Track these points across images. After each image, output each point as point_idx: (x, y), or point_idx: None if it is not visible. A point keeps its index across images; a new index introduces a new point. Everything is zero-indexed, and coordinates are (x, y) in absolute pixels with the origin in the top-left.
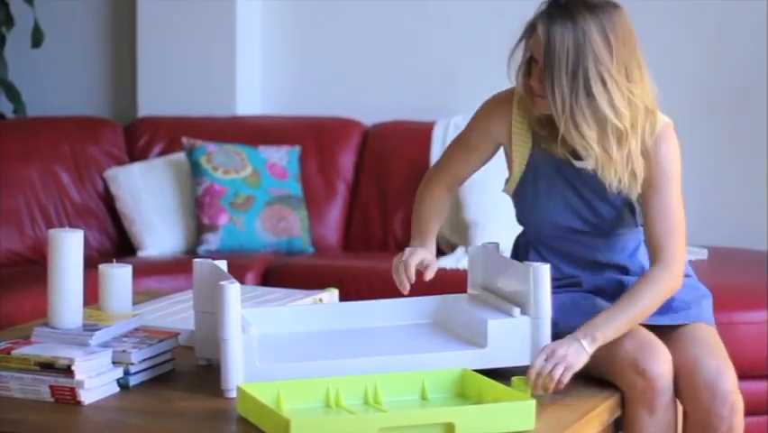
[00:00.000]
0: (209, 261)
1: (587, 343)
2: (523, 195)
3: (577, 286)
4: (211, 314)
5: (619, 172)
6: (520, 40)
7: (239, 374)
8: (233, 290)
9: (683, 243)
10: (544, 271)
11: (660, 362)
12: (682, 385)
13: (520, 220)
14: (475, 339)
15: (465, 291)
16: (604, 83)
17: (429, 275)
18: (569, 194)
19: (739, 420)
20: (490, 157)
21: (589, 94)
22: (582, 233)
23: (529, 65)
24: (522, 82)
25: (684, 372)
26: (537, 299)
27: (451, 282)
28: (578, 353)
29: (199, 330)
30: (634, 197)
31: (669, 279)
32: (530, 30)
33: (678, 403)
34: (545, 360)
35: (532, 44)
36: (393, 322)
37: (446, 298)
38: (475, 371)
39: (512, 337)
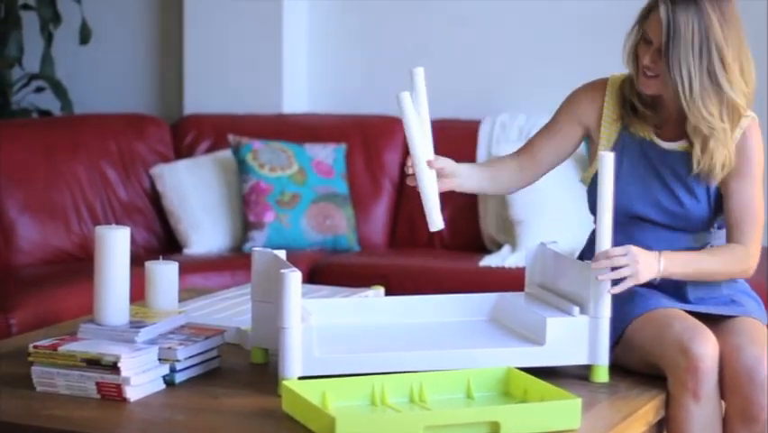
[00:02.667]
0: (268, 250)
1: (662, 267)
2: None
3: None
4: (269, 303)
5: (726, 153)
6: (636, 24)
7: (297, 364)
8: (294, 278)
9: (761, 233)
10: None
11: (706, 344)
12: (725, 374)
13: (592, 208)
14: (533, 337)
15: (510, 289)
16: (723, 65)
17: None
18: (650, 178)
19: None
20: (572, 147)
21: (712, 73)
22: (655, 225)
23: (636, 48)
24: (630, 61)
25: (726, 358)
26: (597, 299)
27: (496, 281)
28: (650, 270)
29: (257, 320)
30: (715, 182)
31: (745, 256)
32: (645, 14)
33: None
34: (620, 252)
35: (648, 26)
36: (449, 318)
37: (503, 295)
38: (531, 369)
39: (570, 336)
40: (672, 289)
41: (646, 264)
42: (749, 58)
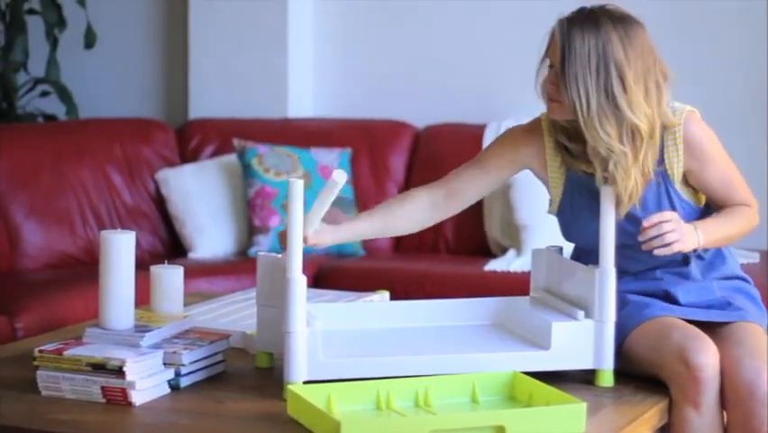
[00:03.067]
0: (273, 255)
1: (701, 238)
2: (564, 216)
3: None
4: (274, 308)
5: (631, 182)
6: (544, 54)
7: (302, 368)
8: (299, 283)
9: (748, 188)
10: (609, 275)
11: (706, 353)
12: (725, 386)
13: (567, 238)
14: (538, 341)
15: (515, 294)
16: (623, 85)
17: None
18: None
19: None
20: (501, 183)
21: (609, 93)
22: (629, 247)
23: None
24: (542, 90)
25: (726, 371)
26: (602, 303)
27: (501, 285)
28: (693, 240)
29: (262, 324)
30: (620, 216)
31: (751, 212)
32: (549, 41)
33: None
34: (662, 220)
35: (551, 51)
36: (454, 322)
37: (508, 299)
38: (536, 373)
39: (576, 340)
40: (663, 294)
41: (691, 236)
42: (660, 82)
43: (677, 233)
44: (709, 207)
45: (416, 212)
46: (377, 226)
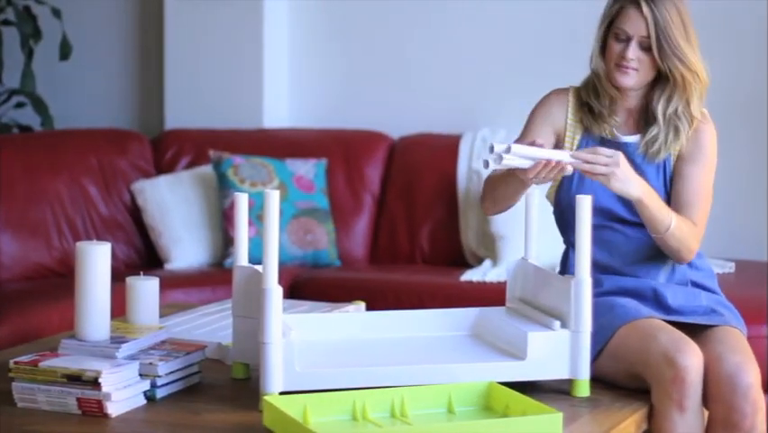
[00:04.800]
0: (249, 265)
1: (640, 193)
2: (570, 182)
3: (617, 274)
4: (250, 319)
5: (680, 140)
6: (603, 22)
7: (278, 379)
8: (275, 293)
9: (705, 216)
10: (585, 285)
11: (691, 355)
12: (708, 382)
13: (559, 223)
14: (514, 351)
15: (491, 304)
16: (697, 47)
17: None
18: None
19: (761, 419)
20: (551, 146)
21: (695, 56)
22: (622, 221)
23: (604, 44)
24: (599, 62)
25: (708, 367)
26: (578, 313)
27: (477, 295)
28: (629, 186)
29: (238, 335)
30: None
31: (695, 235)
32: (615, 12)
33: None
34: (601, 152)
35: (624, 23)
36: (431, 333)
37: (484, 310)
38: (512, 384)
39: (552, 350)
40: (653, 298)
41: (625, 176)
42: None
43: (609, 168)
44: None
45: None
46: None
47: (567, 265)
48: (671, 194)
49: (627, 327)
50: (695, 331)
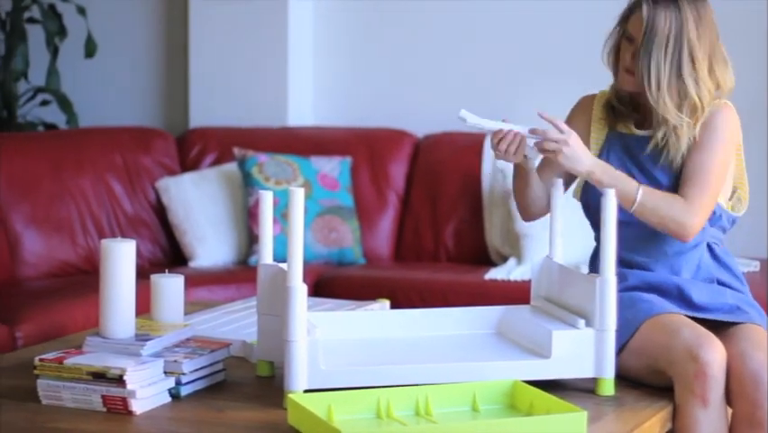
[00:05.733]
0: (274, 263)
1: (593, 168)
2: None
3: (643, 269)
4: (275, 316)
5: (688, 143)
6: (618, 24)
7: (303, 377)
8: (300, 291)
9: (708, 199)
10: (609, 284)
11: (714, 350)
12: (731, 380)
13: (590, 219)
14: (538, 350)
15: (515, 302)
16: (693, 64)
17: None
18: (634, 168)
19: None
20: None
21: (680, 72)
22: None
23: (618, 45)
24: (611, 60)
25: (732, 365)
26: (603, 312)
27: (501, 294)
28: (580, 158)
29: (262, 333)
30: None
31: (683, 210)
32: (627, 14)
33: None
34: (563, 134)
35: (630, 24)
36: (455, 331)
37: (509, 308)
38: (537, 382)
39: (576, 349)
40: (677, 294)
41: (573, 152)
42: (724, 59)
43: (558, 145)
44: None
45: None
46: (541, 187)
47: (596, 262)
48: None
49: (651, 323)
50: (719, 328)
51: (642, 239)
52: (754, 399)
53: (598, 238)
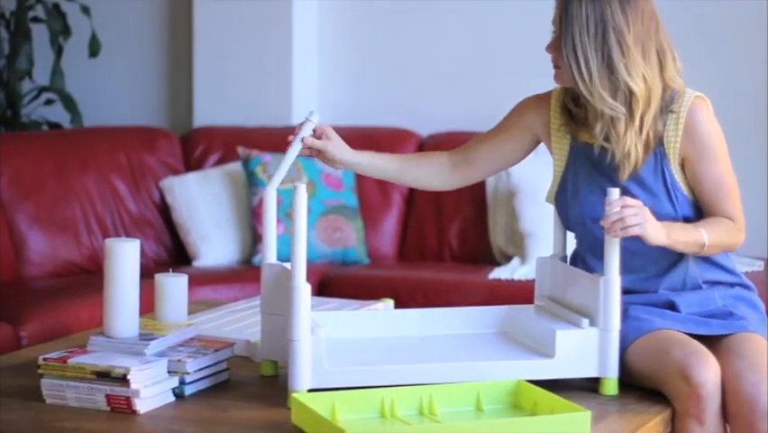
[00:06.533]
0: (278, 263)
1: (659, 225)
2: (564, 192)
3: (629, 293)
4: (279, 316)
5: (632, 140)
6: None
7: (307, 376)
8: (304, 291)
9: (740, 204)
10: (614, 283)
11: (707, 369)
12: (727, 399)
13: (565, 223)
14: (542, 349)
15: (519, 302)
16: (621, 49)
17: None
18: (604, 181)
19: None
20: (518, 154)
21: (607, 57)
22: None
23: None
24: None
25: (729, 386)
26: (607, 311)
27: (505, 293)
28: (652, 222)
29: (266, 332)
30: (623, 179)
31: (734, 228)
32: (556, 3)
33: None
34: (625, 206)
35: (554, 15)
36: (459, 330)
37: (513, 308)
38: (540, 382)
39: (580, 349)
40: (663, 303)
41: (653, 222)
42: (666, 48)
43: (639, 217)
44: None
45: (434, 166)
46: (393, 167)
47: (576, 265)
48: (698, 198)
49: (640, 342)
50: (713, 337)
51: (623, 258)
52: (751, 421)
53: (577, 241)
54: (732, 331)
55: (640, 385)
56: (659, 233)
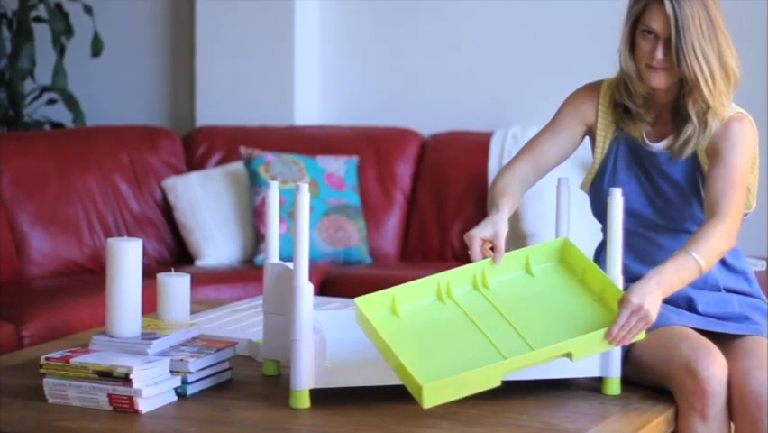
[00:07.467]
0: (280, 262)
1: (661, 294)
2: (601, 181)
3: None
4: (281, 315)
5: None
6: (630, 19)
7: (309, 375)
8: (306, 290)
9: (741, 204)
10: (616, 283)
11: (713, 365)
12: (734, 397)
13: (596, 212)
14: None
15: None
16: (727, 42)
17: (497, 259)
18: (643, 177)
19: None
20: (575, 143)
21: (719, 55)
22: (653, 227)
23: (632, 43)
24: (631, 60)
25: (736, 384)
26: None
27: None
28: (655, 306)
29: (268, 331)
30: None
31: (722, 234)
32: (641, 9)
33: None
34: (629, 315)
35: (648, 18)
36: None
37: None
38: (542, 381)
39: None
40: (685, 305)
41: (652, 307)
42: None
43: (642, 322)
44: None
45: (523, 183)
46: (517, 202)
47: (600, 257)
48: (705, 189)
49: (650, 336)
50: (724, 337)
51: (649, 252)
52: (757, 419)
53: (605, 230)
54: (746, 333)
55: (645, 380)
56: (656, 307)
